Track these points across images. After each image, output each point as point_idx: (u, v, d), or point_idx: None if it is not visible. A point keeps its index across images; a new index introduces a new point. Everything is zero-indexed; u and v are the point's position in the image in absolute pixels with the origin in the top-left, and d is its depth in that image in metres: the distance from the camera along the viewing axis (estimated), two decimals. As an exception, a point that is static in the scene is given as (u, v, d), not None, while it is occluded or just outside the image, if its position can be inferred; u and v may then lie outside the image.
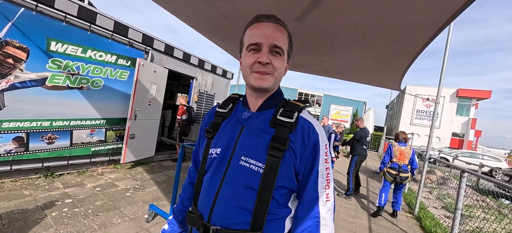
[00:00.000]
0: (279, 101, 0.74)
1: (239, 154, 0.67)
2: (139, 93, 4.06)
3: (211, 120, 0.80)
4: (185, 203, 0.88)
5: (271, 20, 0.69)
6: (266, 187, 0.63)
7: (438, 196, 5.92)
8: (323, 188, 0.68)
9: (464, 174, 2.97)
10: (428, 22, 1.05)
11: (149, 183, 3.75)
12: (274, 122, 0.68)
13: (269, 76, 0.68)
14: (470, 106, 21.46)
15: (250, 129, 0.70)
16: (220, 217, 0.65)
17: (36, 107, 3.09)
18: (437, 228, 3.59)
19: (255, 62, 0.67)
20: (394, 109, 29.10)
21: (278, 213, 0.66)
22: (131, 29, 3.99)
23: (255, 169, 0.64)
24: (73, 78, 3.38)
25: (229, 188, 0.66)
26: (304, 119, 0.70)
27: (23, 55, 2.88)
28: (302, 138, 0.67)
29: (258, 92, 0.72)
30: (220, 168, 0.69)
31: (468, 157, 12.46)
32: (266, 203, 0.63)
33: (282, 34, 0.69)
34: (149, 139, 4.61)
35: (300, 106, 0.71)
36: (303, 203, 0.68)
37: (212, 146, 0.73)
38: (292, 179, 0.66)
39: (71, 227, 2.26)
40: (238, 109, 0.77)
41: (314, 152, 0.67)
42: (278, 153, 0.63)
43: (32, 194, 2.77)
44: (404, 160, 3.81)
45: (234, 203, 0.64)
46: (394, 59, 1.60)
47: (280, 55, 0.68)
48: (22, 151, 3.04)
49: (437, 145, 19.70)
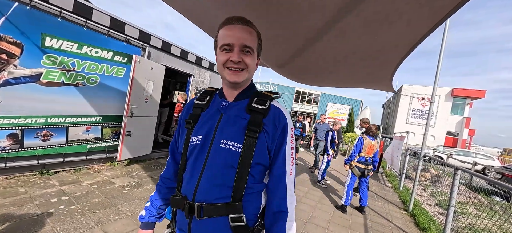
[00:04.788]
0: (252, 92, 0.84)
1: (219, 138, 0.75)
2: (135, 90, 4.03)
3: (189, 112, 0.87)
4: (162, 192, 0.93)
5: (241, 22, 0.77)
6: (244, 164, 0.72)
7: (432, 193, 6.02)
8: (289, 164, 0.79)
9: (458, 172, 3.03)
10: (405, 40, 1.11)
11: (146, 180, 3.75)
12: (250, 109, 0.78)
13: (243, 72, 0.78)
14: (465, 105, 21.77)
15: (228, 116, 0.79)
16: (204, 195, 0.72)
17: (31, 104, 3.05)
18: (430, 225, 3.66)
19: (228, 60, 0.76)
20: (390, 108, 29.36)
21: (255, 187, 0.76)
22: (127, 25, 3.95)
23: (234, 149, 0.73)
24: (68, 74, 3.34)
25: (212, 169, 0.74)
26: (274, 106, 0.81)
27: (17, 50, 2.83)
28: (274, 121, 0.78)
29: (233, 86, 0.82)
30: (202, 152, 0.77)
31: (462, 155, 12.67)
32: (245, 178, 0.72)
33: (250, 35, 0.78)
34: (146, 136, 4.59)
35: (271, 96, 0.83)
36: (273, 176, 0.79)
37: (193, 134, 0.80)
38: (265, 156, 0.77)
39: (68, 224, 2.25)
40: (215, 101, 0.86)
41: (283, 133, 0.78)
42: (254, 134, 0.73)
43: (27, 191, 2.75)
44: (371, 154, 3.86)
45: (216, 181, 0.73)
46: (376, 73, 1.67)
47: (250, 53, 0.77)
48: (16, 148, 3.00)
49: (432, 144, 19.98)
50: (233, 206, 0.71)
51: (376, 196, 5.15)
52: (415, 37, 1.01)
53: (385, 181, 6.95)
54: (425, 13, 0.85)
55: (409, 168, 7.75)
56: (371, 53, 1.31)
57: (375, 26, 1.00)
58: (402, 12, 0.87)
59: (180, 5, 1.31)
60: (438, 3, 0.78)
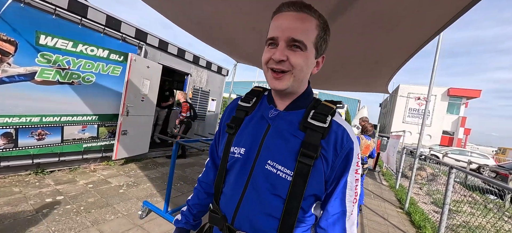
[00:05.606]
0: (310, 102, 0.67)
1: (265, 157, 0.62)
2: (131, 89, 4.01)
3: (232, 114, 0.74)
4: (200, 197, 0.84)
5: (292, 8, 0.59)
6: (295, 196, 0.59)
7: (428, 191, 6.09)
8: (351, 202, 0.63)
9: (452, 170, 3.06)
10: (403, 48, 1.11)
11: (142, 180, 3.73)
12: (305, 125, 0.62)
13: (287, 76, 0.61)
14: (460, 105, 22.02)
15: (277, 129, 0.64)
16: (245, 222, 0.62)
17: (25, 103, 3.01)
18: (426, 223, 3.70)
19: (270, 59, 0.61)
20: (387, 108, 29.56)
21: (307, 221, 0.64)
22: (124, 23, 3.91)
23: (283, 176, 0.60)
24: (63, 73, 3.30)
25: (255, 192, 0.62)
26: (337, 124, 0.63)
27: (11, 48, 2.79)
28: (335, 145, 0.61)
29: (279, 93, 0.67)
30: (244, 169, 0.65)
31: (457, 154, 12.81)
32: (295, 212, 0.59)
33: (303, 24, 0.59)
34: (142, 135, 4.56)
35: (334, 109, 0.64)
36: (328, 215, 0.63)
37: (235, 144, 0.69)
38: (321, 188, 0.62)
39: (63, 224, 2.24)
40: (262, 105, 0.71)
41: (346, 161, 0.62)
42: (309, 161, 0.58)
43: (22, 191, 2.72)
44: (367, 153, 3.89)
45: (260, 209, 0.61)
46: (372, 79, 1.69)
47: (300, 49, 0.59)
48: (11, 147, 2.96)
49: (428, 143, 20.17)
50: None
51: (372, 194, 5.19)
52: (413, 46, 1.01)
53: (381, 179, 7.01)
54: (424, 22, 0.85)
55: (405, 167, 7.82)
56: (369, 62, 1.32)
57: (373, 32, 0.99)
58: (399, 19, 0.85)
59: None
60: (434, 13, 0.78)
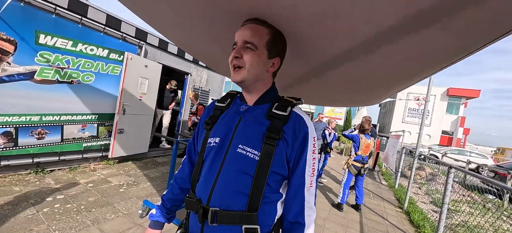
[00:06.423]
0: (274, 97, 0.81)
1: (236, 143, 0.73)
2: (127, 87, 4.00)
3: (210, 114, 0.86)
4: (174, 192, 0.92)
5: (249, 22, 0.75)
6: (261, 173, 0.69)
7: (427, 191, 6.11)
8: (309, 175, 0.75)
9: (451, 170, 3.07)
10: None
11: (142, 179, 3.73)
12: (270, 115, 0.75)
13: (242, 70, 0.74)
14: (460, 105, 22.05)
15: (247, 120, 0.77)
16: (219, 200, 0.70)
17: (25, 102, 3.01)
18: (425, 222, 3.72)
19: (232, 58, 0.75)
20: (386, 107, 29.59)
21: (271, 197, 0.73)
22: (124, 23, 3.91)
23: (252, 156, 0.70)
24: (63, 72, 3.30)
25: (227, 174, 0.72)
26: (296, 113, 0.76)
27: (11, 47, 2.79)
28: (294, 129, 0.73)
29: (244, 88, 0.81)
30: (219, 155, 0.75)
31: (456, 154, 12.83)
32: (261, 187, 0.69)
33: (255, 32, 0.74)
34: (141, 134, 4.56)
35: (293, 102, 0.78)
36: (290, 187, 0.75)
37: (211, 136, 0.79)
38: (284, 165, 0.73)
39: (63, 223, 2.24)
40: (235, 104, 0.84)
41: (303, 142, 0.74)
42: (273, 142, 0.70)
43: (22, 190, 2.72)
44: (367, 152, 3.90)
45: (232, 188, 0.70)
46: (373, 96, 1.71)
47: (250, 49, 0.73)
48: (11, 146, 2.97)
49: (427, 142, 20.21)
50: (249, 216, 0.68)
51: (372, 194, 5.21)
52: (420, 76, 1.03)
53: (381, 179, 7.03)
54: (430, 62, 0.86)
55: (405, 167, 7.84)
56: (372, 85, 1.34)
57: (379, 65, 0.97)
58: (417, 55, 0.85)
59: None
60: None
